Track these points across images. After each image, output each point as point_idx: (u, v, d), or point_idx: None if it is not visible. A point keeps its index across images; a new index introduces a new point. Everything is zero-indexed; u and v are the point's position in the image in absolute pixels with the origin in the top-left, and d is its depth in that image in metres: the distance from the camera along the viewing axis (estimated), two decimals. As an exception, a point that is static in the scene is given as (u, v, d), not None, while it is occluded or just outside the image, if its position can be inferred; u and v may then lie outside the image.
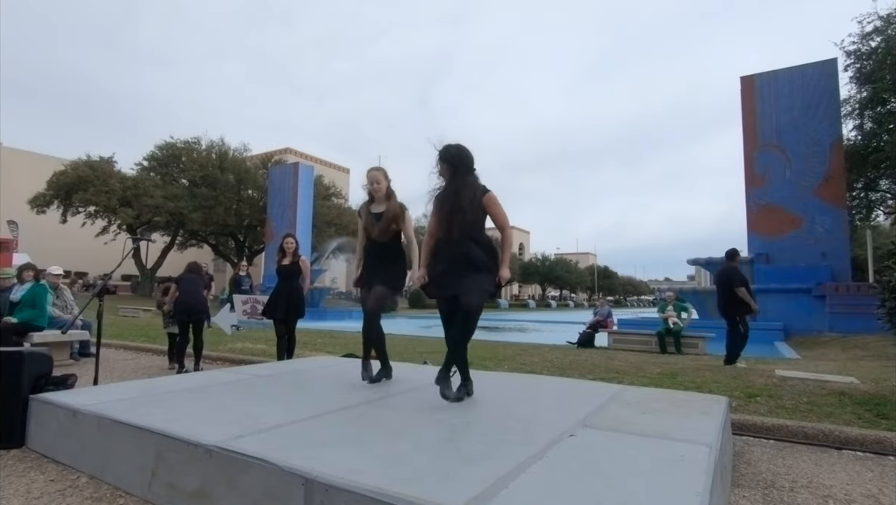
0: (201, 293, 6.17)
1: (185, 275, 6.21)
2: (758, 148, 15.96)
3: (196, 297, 5.98)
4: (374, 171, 3.66)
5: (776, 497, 2.39)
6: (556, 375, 5.32)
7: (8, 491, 2.27)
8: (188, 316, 5.86)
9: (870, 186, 17.56)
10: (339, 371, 4.22)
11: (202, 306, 6.03)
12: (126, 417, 2.47)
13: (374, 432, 2.35)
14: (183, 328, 5.92)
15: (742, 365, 6.58)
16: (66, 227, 32.38)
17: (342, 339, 9.21)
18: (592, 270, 79.41)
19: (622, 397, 3.26)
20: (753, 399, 4.19)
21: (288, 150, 50.72)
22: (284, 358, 5.57)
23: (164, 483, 2.16)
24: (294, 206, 27.09)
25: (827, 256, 14.49)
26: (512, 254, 22.70)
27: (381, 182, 3.64)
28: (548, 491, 1.66)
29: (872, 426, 3.39)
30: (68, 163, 31.68)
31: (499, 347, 8.72)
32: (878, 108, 15.68)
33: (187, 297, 5.90)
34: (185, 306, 5.85)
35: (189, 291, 5.97)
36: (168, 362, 6.43)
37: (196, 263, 6.68)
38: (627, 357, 7.34)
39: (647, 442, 2.25)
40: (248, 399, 3.07)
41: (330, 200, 38.69)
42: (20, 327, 5.84)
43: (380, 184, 3.62)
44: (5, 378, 2.93)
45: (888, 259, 4.59)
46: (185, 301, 5.87)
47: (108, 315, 9.81)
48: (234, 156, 36.20)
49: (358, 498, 1.60)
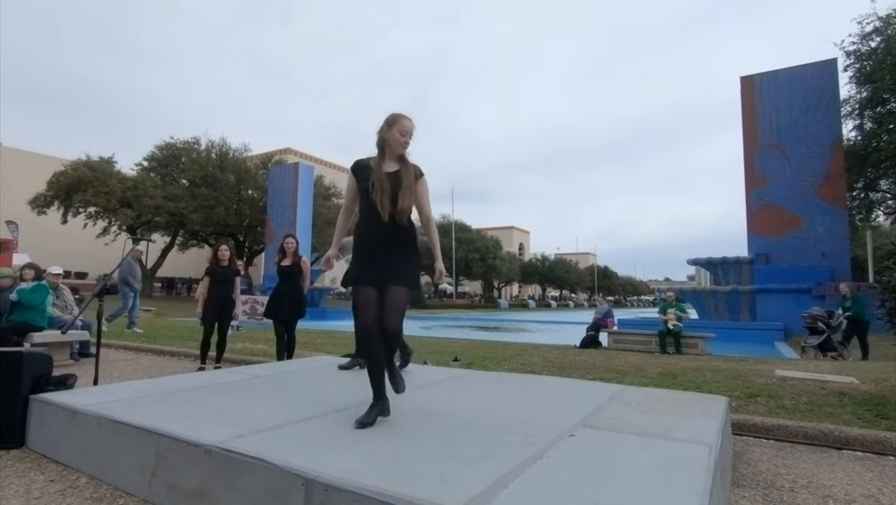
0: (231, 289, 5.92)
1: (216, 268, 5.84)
2: (758, 148, 15.98)
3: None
4: (409, 122, 2.64)
5: (776, 497, 2.39)
6: (556, 375, 5.32)
7: (8, 491, 2.27)
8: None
9: (870, 186, 17.56)
10: (338, 371, 4.22)
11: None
12: (126, 417, 2.47)
13: (374, 432, 2.35)
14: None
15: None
16: (66, 227, 32.34)
17: (342, 339, 9.20)
18: (592, 270, 79.40)
19: (622, 397, 3.26)
20: (753, 399, 4.19)
21: (288, 151, 50.74)
22: (284, 358, 5.57)
23: (164, 483, 2.16)
24: (294, 206, 27.10)
25: (827, 256, 14.51)
26: (512, 254, 23.05)
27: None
28: (548, 491, 1.66)
29: (872, 426, 3.39)
30: (68, 163, 31.65)
31: (499, 347, 8.72)
32: (878, 108, 15.69)
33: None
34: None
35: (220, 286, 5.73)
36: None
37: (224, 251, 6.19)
38: (627, 357, 7.33)
39: (647, 442, 2.25)
40: (248, 399, 3.07)
41: (330, 200, 38.65)
42: (20, 327, 5.84)
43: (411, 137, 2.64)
44: (5, 378, 2.92)
45: (888, 259, 4.58)
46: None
47: (108, 315, 9.80)
48: (235, 156, 36.20)
49: (358, 498, 1.60)
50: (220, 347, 5.82)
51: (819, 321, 9.27)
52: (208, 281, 5.79)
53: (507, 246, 63.49)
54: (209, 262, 5.93)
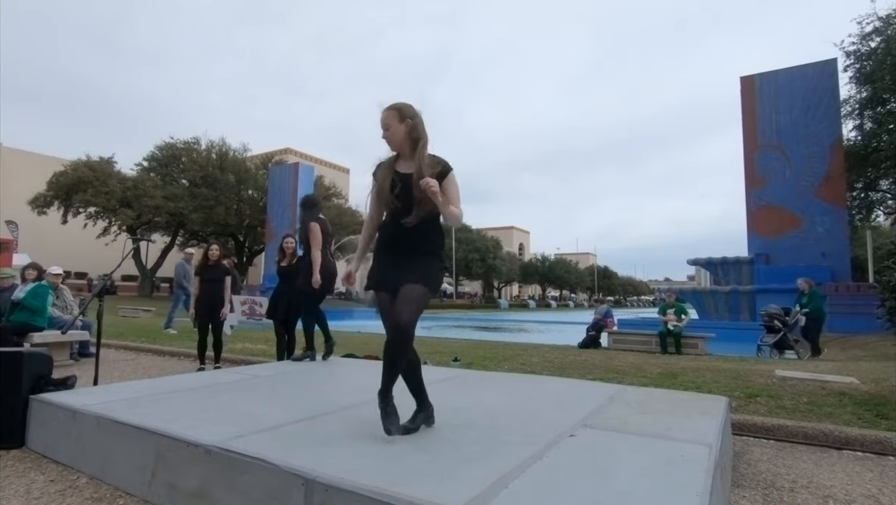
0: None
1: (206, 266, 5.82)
2: (758, 148, 15.98)
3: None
4: (382, 113, 2.39)
5: (776, 497, 2.39)
6: (556, 375, 5.32)
7: (8, 491, 2.27)
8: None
9: (870, 186, 17.56)
10: (339, 371, 4.23)
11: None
12: (126, 417, 2.47)
13: (374, 432, 2.35)
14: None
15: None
16: (66, 227, 32.36)
17: (342, 339, 9.19)
18: (592, 270, 79.43)
19: (622, 397, 3.26)
20: (753, 399, 4.19)
21: (288, 151, 50.76)
22: (284, 358, 5.57)
23: (164, 483, 2.16)
24: (294, 206, 27.10)
25: (827, 256, 14.51)
26: (512, 254, 22.75)
27: (393, 126, 2.36)
28: (548, 491, 1.66)
29: (872, 426, 3.39)
30: (68, 163, 31.66)
31: (499, 347, 8.71)
32: (878, 108, 15.68)
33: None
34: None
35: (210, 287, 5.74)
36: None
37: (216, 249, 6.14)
38: (627, 357, 7.33)
39: (647, 442, 2.25)
40: (248, 399, 3.07)
41: (330, 201, 38.68)
42: (20, 327, 5.84)
43: (389, 130, 2.37)
44: (5, 378, 2.92)
45: (888, 259, 4.58)
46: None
47: (107, 315, 9.80)
48: (235, 156, 36.23)
49: (358, 498, 1.60)
50: (216, 346, 5.82)
51: (776, 319, 9.20)
52: (198, 281, 5.80)
53: (507, 246, 63.53)
54: (198, 262, 5.95)
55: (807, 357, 8.66)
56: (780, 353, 8.94)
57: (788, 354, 8.89)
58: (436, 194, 2.18)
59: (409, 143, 2.37)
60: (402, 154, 2.42)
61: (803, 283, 9.81)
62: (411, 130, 2.35)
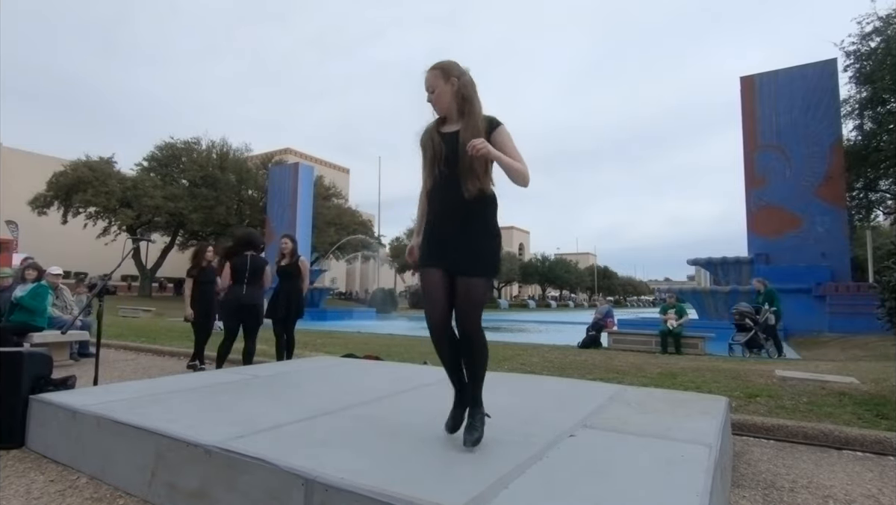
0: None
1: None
2: (758, 148, 15.98)
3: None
4: (429, 73, 2.20)
5: (776, 497, 2.39)
6: (556, 375, 5.32)
7: (8, 491, 2.27)
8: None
9: (870, 186, 17.57)
10: (339, 371, 4.23)
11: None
12: (126, 417, 2.47)
13: (374, 432, 2.35)
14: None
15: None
16: (66, 227, 32.37)
17: (342, 339, 9.21)
18: (592, 270, 79.44)
19: (622, 397, 3.25)
20: (753, 399, 4.19)
21: (288, 151, 50.80)
22: (284, 358, 5.58)
23: (164, 483, 2.16)
24: (294, 206, 27.13)
25: (827, 256, 14.51)
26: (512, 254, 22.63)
27: (439, 86, 2.17)
28: (548, 491, 1.66)
29: (872, 426, 3.39)
30: (68, 163, 31.67)
31: (499, 347, 8.71)
32: (878, 108, 15.70)
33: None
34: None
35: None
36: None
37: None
38: (627, 357, 7.33)
39: (647, 442, 2.25)
40: (248, 399, 3.06)
41: (330, 201, 38.73)
42: (20, 327, 5.84)
43: (434, 91, 2.19)
44: (5, 378, 2.92)
45: (888, 259, 4.58)
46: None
47: (107, 315, 9.79)
48: (235, 156, 36.25)
49: (358, 498, 1.60)
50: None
51: (747, 318, 9.08)
52: (192, 283, 5.77)
53: (506, 246, 63.53)
54: (192, 263, 5.90)
55: (776, 356, 8.65)
56: (751, 351, 8.91)
57: (764, 354, 8.84)
58: (489, 152, 1.99)
59: (457, 105, 2.18)
60: (449, 117, 2.22)
61: (758, 283, 9.89)
62: (460, 89, 2.16)
